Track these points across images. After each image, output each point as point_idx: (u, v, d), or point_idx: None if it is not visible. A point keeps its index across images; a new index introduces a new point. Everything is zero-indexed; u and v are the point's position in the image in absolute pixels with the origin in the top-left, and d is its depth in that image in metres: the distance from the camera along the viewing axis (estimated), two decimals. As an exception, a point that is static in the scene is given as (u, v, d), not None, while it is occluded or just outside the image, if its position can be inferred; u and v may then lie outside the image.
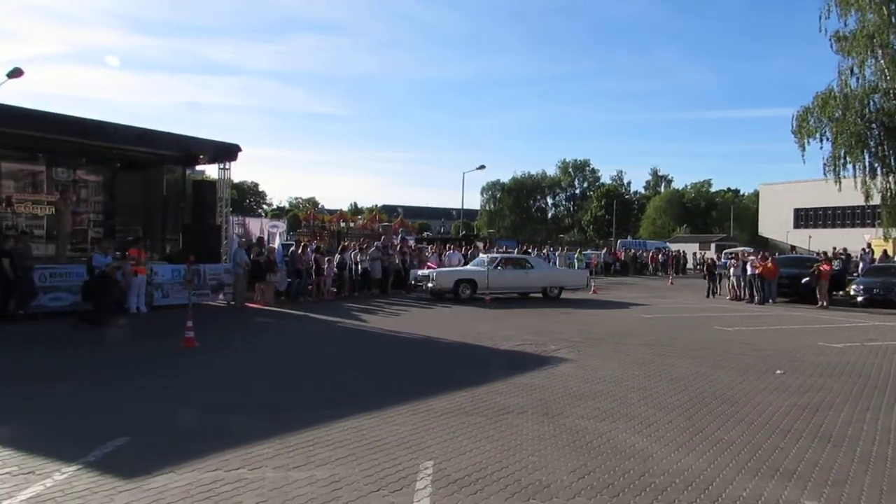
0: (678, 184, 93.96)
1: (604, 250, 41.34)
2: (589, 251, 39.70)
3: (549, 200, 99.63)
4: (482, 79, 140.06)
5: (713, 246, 50.44)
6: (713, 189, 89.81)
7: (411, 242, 28.82)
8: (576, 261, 34.95)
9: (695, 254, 42.82)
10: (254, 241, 19.41)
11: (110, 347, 11.03)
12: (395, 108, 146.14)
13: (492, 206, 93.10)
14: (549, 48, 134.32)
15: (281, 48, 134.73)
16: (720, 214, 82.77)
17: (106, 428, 5.83)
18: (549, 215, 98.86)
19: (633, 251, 43.69)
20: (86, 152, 17.67)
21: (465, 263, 23.74)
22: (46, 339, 11.38)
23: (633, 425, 6.37)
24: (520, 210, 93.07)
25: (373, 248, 22.09)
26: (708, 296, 23.08)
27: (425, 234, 60.56)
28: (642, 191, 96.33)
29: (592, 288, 24.43)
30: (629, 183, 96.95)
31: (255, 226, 23.09)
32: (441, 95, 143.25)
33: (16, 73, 20.51)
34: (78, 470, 4.78)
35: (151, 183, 19.04)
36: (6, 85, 21.15)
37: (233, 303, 16.92)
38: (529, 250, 32.44)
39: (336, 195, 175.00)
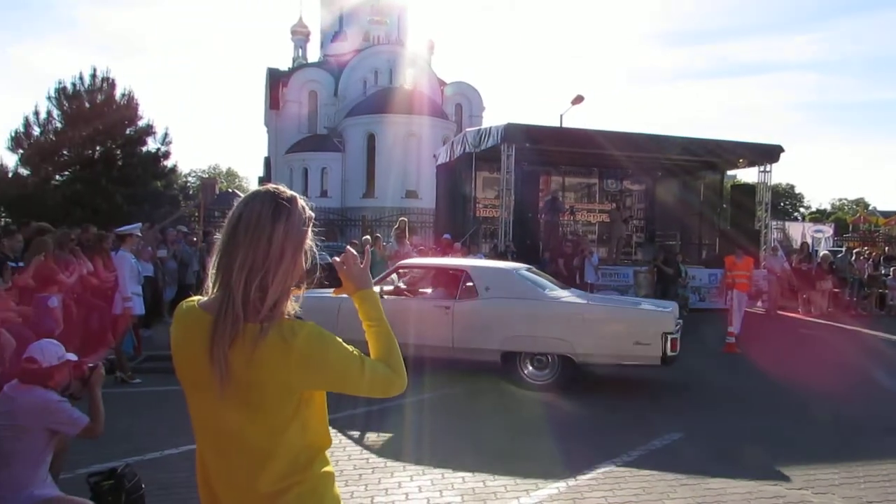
0: None
1: None
2: None
3: None
4: None
5: None
6: None
7: None
8: None
9: None
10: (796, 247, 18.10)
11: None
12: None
13: None
14: None
15: (818, 37, 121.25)
16: None
17: (664, 422, 6.27)
18: None
19: None
20: (632, 164, 19.38)
21: None
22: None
23: None
24: None
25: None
26: None
27: None
28: None
29: None
30: None
31: (797, 230, 21.52)
32: None
33: (577, 99, 23.94)
34: (641, 456, 5.28)
35: (688, 189, 19.63)
36: (570, 111, 24.83)
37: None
38: None
39: (892, 194, 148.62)
